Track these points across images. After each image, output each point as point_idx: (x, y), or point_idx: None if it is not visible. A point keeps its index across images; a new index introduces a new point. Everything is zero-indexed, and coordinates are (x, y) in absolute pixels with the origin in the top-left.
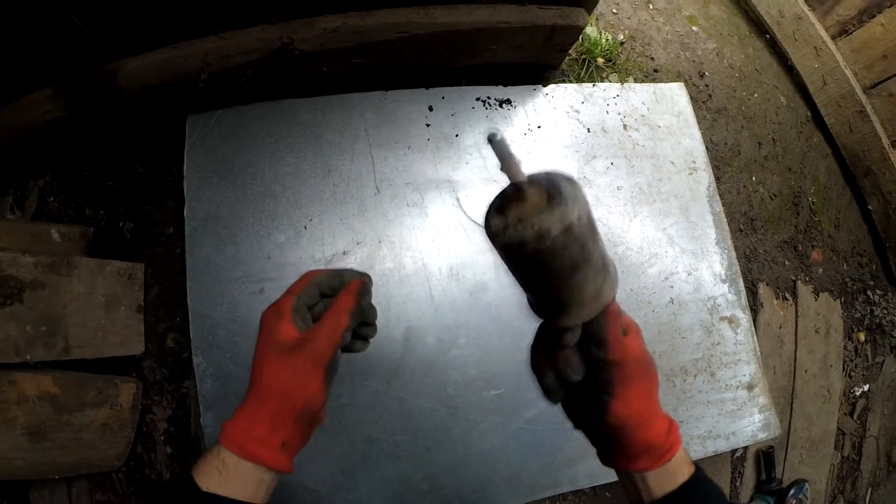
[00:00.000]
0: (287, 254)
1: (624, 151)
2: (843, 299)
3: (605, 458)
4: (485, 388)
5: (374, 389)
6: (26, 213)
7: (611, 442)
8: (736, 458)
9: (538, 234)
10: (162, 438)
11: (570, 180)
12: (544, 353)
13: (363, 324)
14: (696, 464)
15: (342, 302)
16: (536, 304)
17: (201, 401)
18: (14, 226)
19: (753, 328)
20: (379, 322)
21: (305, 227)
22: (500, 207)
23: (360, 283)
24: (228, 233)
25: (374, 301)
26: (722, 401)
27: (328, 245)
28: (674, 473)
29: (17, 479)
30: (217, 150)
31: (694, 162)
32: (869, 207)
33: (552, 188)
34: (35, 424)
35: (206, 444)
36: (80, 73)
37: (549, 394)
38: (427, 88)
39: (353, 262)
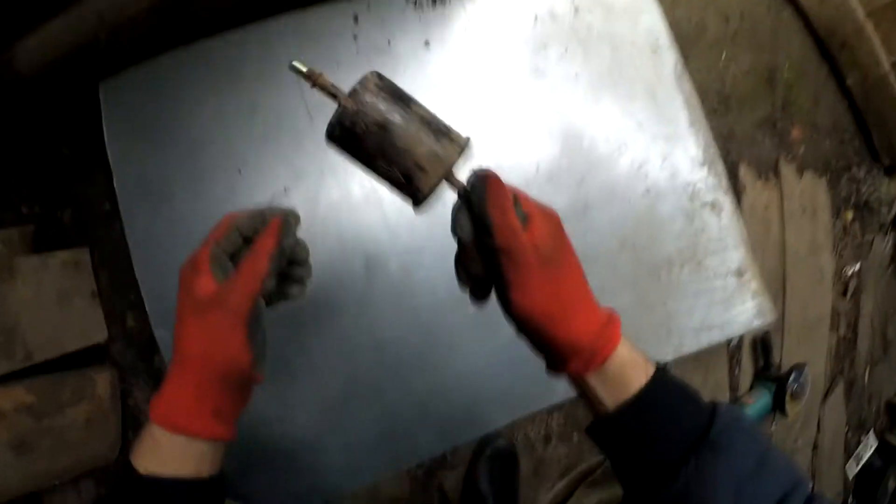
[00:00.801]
0: (225, 204)
1: (577, 36)
2: (827, 177)
3: (547, 365)
4: (459, 308)
5: (341, 327)
6: None
7: (535, 344)
8: (732, 348)
9: (352, 105)
10: (148, 417)
11: (373, 72)
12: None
13: (294, 264)
14: (661, 365)
15: (260, 245)
16: (408, 197)
17: None
18: None
19: (738, 212)
20: (334, 256)
21: (240, 172)
22: (338, 111)
23: (279, 222)
24: (162, 195)
25: (325, 235)
26: (712, 290)
27: (267, 185)
28: (621, 379)
29: (16, 498)
30: (136, 111)
31: (656, 40)
32: (847, 82)
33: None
34: (18, 438)
35: None
36: None
37: (471, 294)
38: None
39: (297, 199)
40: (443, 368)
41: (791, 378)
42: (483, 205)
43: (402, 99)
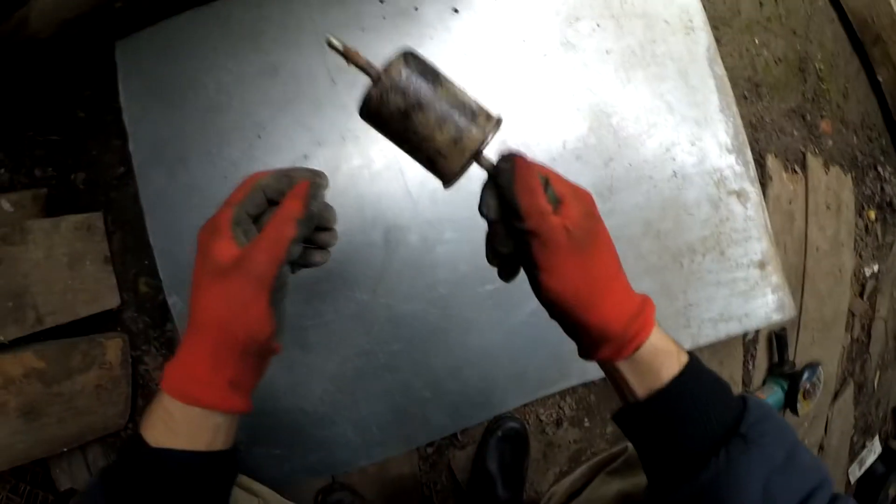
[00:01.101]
0: (243, 169)
1: (610, 11)
2: (853, 174)
3: (579, 350)
4: (478, 284)
5: (358, 300)
6: None
7: (567, 328)
8: (748, 341)
9: (376, 93)
10: (160, 387)
11: (404, 50)
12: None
13: (319, 229)
14: (692, 354)
15: (286, 208)
16: (436, 177)
17: None
18: None
19: (764, 202)
20: (354, 226)
21: (259, 137)
22: (364, 95)
23: (307, 184)
24: (178, 159)
25: (344, 204)
26: (733, 281)
27: (286, 151)
28: (653, 368)
29: (23, 464)
30: (152, 72)
31: (690, 21)
32: (878, 78)
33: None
34: (28, 404)
35: None
36: None
37: (499, 273)
38: None
39: (316, 166)
40: (458, 347)
41: (804, 376)
42: (511, 188)
43: (428, 81)
